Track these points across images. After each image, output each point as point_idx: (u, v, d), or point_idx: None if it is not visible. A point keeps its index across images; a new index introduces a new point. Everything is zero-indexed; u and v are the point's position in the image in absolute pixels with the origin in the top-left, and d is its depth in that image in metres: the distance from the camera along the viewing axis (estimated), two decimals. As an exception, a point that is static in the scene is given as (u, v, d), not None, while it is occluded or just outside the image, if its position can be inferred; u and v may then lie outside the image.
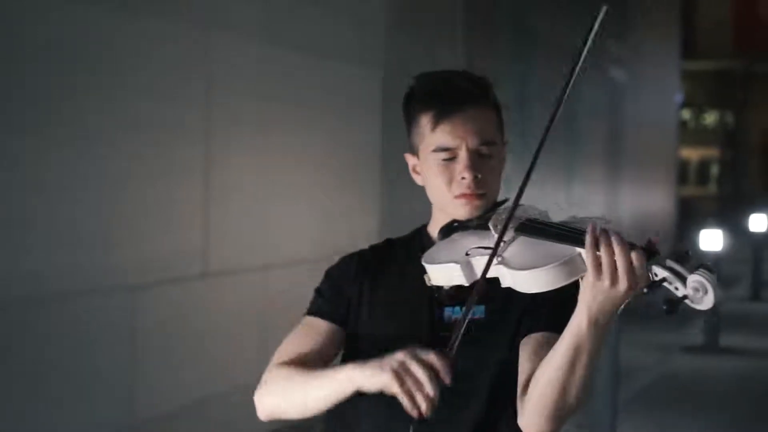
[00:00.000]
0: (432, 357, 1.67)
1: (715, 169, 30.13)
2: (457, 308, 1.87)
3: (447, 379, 1.66)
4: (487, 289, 1.74)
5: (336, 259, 2.10)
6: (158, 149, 4.99)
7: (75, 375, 4.47)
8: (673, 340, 9.30)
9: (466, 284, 1.78)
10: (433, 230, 1.98)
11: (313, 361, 1.93)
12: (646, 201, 16.58)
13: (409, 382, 1.67)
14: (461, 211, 1.90)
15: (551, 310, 1.80)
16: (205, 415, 5.32)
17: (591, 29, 1.76)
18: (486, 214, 1.88)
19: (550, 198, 11.44)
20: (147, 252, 4.91)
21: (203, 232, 5.29)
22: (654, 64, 17.29)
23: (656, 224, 17.44)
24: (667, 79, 18.80)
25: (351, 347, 1.98)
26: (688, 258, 1.59)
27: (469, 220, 1.90)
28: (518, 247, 1.75)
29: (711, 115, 29.71)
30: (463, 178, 1.88)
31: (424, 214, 2.07)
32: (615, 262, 1.59)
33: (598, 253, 1.61)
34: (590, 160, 13.22)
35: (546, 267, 1.66)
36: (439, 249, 1.87)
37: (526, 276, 1.68)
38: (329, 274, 2.06)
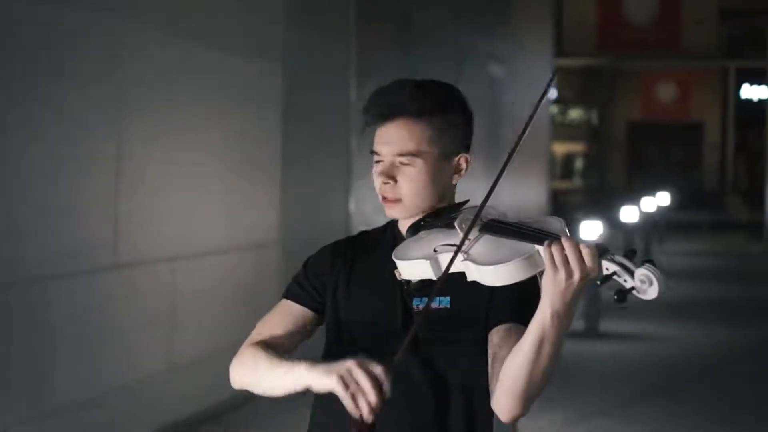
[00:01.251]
0: (378, 369, 1.83)
1: (579, 164, 30.89)
2: (425, 299, 2.00)
3: (388, 393, 1.82)
4: (447, 281, 1.91)
5: (238, 252, 2.23)
6: (70, 141, 5.01)
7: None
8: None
9: (434, 278, 1.93)
10: (402, 225, 2.11)
11: (283, 343, 2.08)
12: (522, 194, 17.04)
13: (353, 388, 1.82)
14: (386, 211, 2.07)
15: (516, 303, 1.97)
16: (115, 405, 5.36)
17: (544, 92, 2.01)
18: (452, 213, 2.04)
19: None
20: (59, 243, 4.93)
21: (114, 224, 5.33)
22: (529, 61, 17.77)
23: (531, 215, 17.96)
24: (541, 75, 19.32)
25: (331, 333, 2.11)
26: (635, 254, 1.79)
27: (436, 219, 2.04)
28: (483, 244, 1.91)
29: (576, 111, 30.48)
30: (380, 182, 2.04)
31: (323, 207, 2.22)
32: (567, 256, 1.77)
33: (553, 249, 1.79)
34: (473, 154, 13.55)
35: (509, 263, 1.84)
36: (408, 245, 2.00)
37: (491, 271, 1.85)
38: (307, 263, 2.17)
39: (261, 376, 2.02)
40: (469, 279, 1.89)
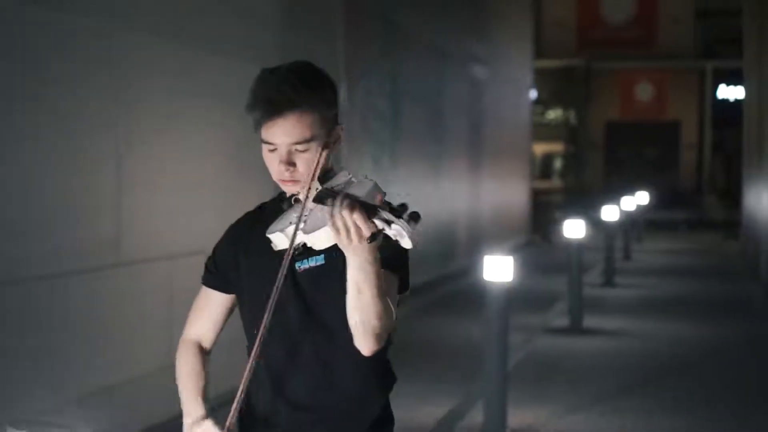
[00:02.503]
0: None
1: (558, 163, 31.10)
2: (304, 260, 2.29)
3: None
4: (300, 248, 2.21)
5: None
6: (72, 142, 5.12)
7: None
8: (541, 323, 9.89)
9: (286, 247, 2.20)
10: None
11: (209, 334, 2.46)
12: (504, 193, 17.23)
13: None
14: (286, 190, 2.30)
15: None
16: (116, 400, 5.48)
17: None
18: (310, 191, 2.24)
19: (421, 191, 11.88)
20: (64, 242, 5.05)
21: (116, 223, 5.47)
22: (510, 62, 17.95)
23: (513, 214, 18.15)
24: (521, 76, 19.51)
25: (240, 307, 2.43)
26: (402, 210, 2.01)
27: (295, 199, 2.29)
28: (315, 214, 2.15)
29: (555, 111, 30.67)
30: (280, 167, 2.24)
31: None
32: (345, 223, 2.02)
33: (333, 216, 2.04)
34: (455, 154, 13.71)
35: (323, 228, 2.10)
36: (279, 220, 2.26)
37: (312, 237, 2.14)
38: (214, 248, 2.48)
39: (179, 392, 2.41)
40: (308, 246, 2.17)
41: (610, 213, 13.46)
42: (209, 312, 2.46)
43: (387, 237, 2.03)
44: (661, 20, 29.52)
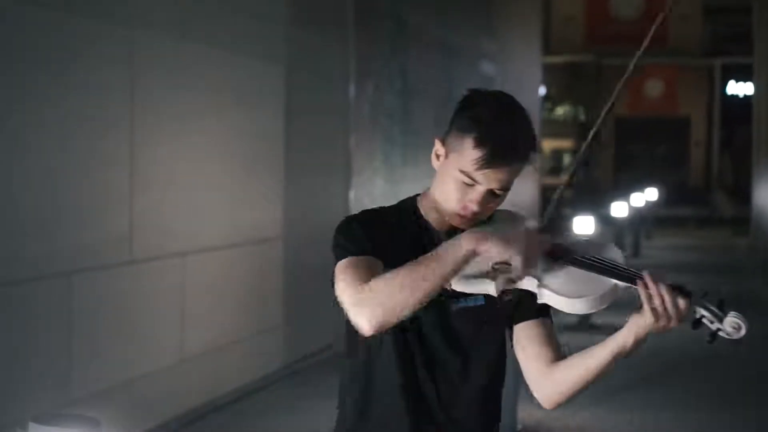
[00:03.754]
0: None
1: (567, 160, 31.02)
2: (462, 300, 2.12)
3: None
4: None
5: (243, 247, 2.36)
6: (85, 141, 5.17)
7: (12, 359, 4.64)
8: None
9: (495, 294, 2.07)
10: (427, 213, 2.18)
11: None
12: (514, 190, 17.20)
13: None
14: (454, 221, 2.13)
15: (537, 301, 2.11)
16: (130, 396, 5.53)
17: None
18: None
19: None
20: (79, 240, 5.09)
21: (129, 221, 5.51)
22: (519, 59, 17.94)
23: (524, 211, 18.13)
24: (530, 73, 19.49)
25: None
26: (723, 302, 2.03)
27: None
28: (562, 274, 2.06)
29: (563, 108, 30.60)
30: (470, 204, 2.09)
31: (324, 202, 2.32)
32: (666, 307, 2.00)
33: (653, 300, 2.01)
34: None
35: (584, 297, 2.05)
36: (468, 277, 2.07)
37: (563, 301, 2.04)
38: (356, 219, 2.14)
39: (406, 280, 1.94)
40: (539, 302, 2.06)
41: (619, 209, 13.45)
42: (373, 272, 2.01)
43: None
44: (671, 16, 29.43)
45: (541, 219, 2.14)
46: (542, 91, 22.10)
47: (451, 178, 2.10)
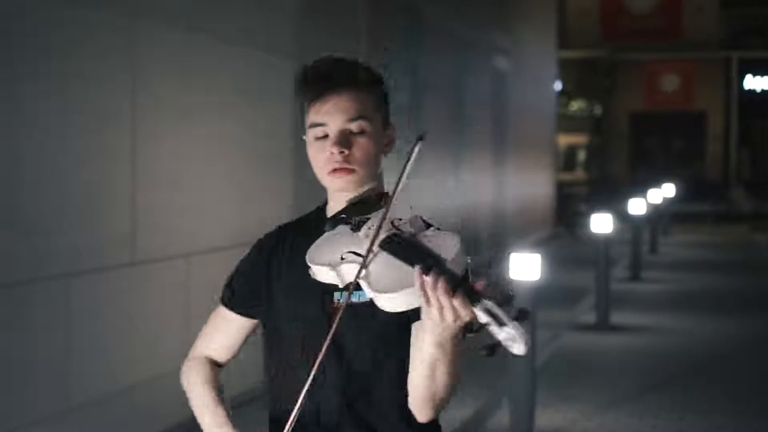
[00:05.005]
0: None
1: (582, 155, 30.86)
2: (345, 293, 1.95)
3: None
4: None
5: (251, 246, 2.20)
6: (87, 138, 5.00)
7: (10, 362, 4.49)
8: (568, 320, 9.70)
9: (340, 286, 1.91)
10: (330, 208, 2.09)
11: (222, 354, 2.21)
12: (529, 186, 17.03)
13: None
14: (335, 184, 2.03)
15: None
16: (133, 400, 5.37)
17: (410, 156, 1.93)
18: (365, 216, 1.97)
19: (441, 185, 11.71)
20: (79, 240, 4.93)
21: (131, 220, 5.33)
22: (534, 54, 17.73)
23: (538, 207, 17.96)
24: (545, 68, 19.30)
25: (266, 328, 2.13)
26: (510, 302, 1.68)
27: (350, 218, 1.99)
28: (380, 263, 1.84)
29: (578, 103, 30.43)
30: (331, 153, 2.00)
31: (324, 197, 2.17)
32: (440, 300, 1.72)
33: (427, 289, 1.73)
34: (477, 147, 13.52)
35: (399, 292, 1.77)
36: (322, 245, 1.95)
37: (383, 297, 1.80)
38: (238, 266, 2.19)
39: (193, 406, 2.16)
40: (367, 296, 1.85)
41: (637, 206, 13.23)
42: (226, 337, 2.19)
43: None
44: (686, 10, 29.18)
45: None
46: (558, 85, 21.86)
47: (311, 146, 2.05)
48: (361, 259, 1.84)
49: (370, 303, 1.86)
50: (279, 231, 2.17)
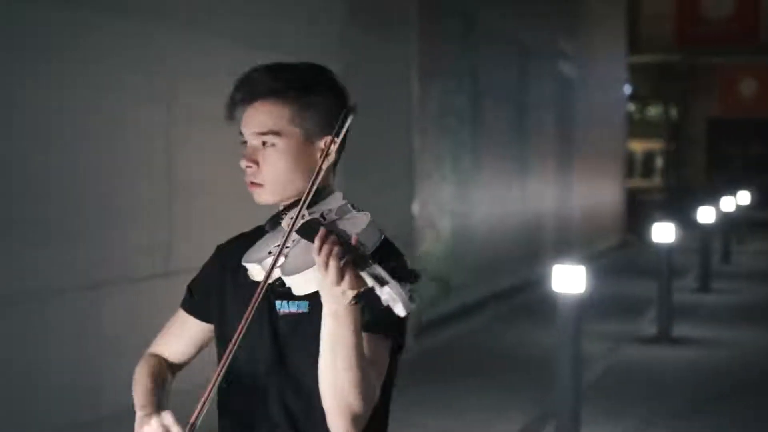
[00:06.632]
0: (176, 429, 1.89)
1: (659, 161, 30.40)
2: (285, 302, 1.94)
3: None
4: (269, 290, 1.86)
5: None
6: (122, 147, 4.97)
7: (41, 371, 4.45)
8: (628, 332, 9.43)
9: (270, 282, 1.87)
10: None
11: (175, 357, 2.21)
12: (596, 193, 16.72)
13: None
14: (253, 196, 2.01)
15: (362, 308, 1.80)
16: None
17: (340, 129, 1.88)
18: (287, 209, 1.95)
19: (505, 192, 11.53)
20: (112, 250, 4.89)
21: (167, 230, 5.27)
22: (602, 59, 17.43)
23: (606, 215, 17.63)
24: (615, 73, 18.97)
25: (217, 341, 2.10)
26: (398, 268, 1.67)
27: (277, 216, 1.96)
28: (297, 249, 1.82)
29: (655, 108, 29.98)
30: (244, 166, 1.97)
31: (384, 209, 2.09)
32: (329, 261, 1.68)
33: (317, 254, 1.70)
34: (542, 154, 13.30)
35: (307, 270, 1.77)
36: (258, 246, 1.94)
37: (294, 279, 1.80)
38: (201, 270, 2.18)
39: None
40: (287, 285, 1.83)
41: (706, 214, 12.87)
42: (183, 339, 2.17)
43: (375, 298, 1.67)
44: (764, 14, 28.51)
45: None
46: (627, 90, 21.46)
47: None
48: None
49: (307, 315, 1.88)
50: (238, 237, 2.15)
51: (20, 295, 4.35)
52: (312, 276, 1.76)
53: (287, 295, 1.89)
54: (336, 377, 1.76)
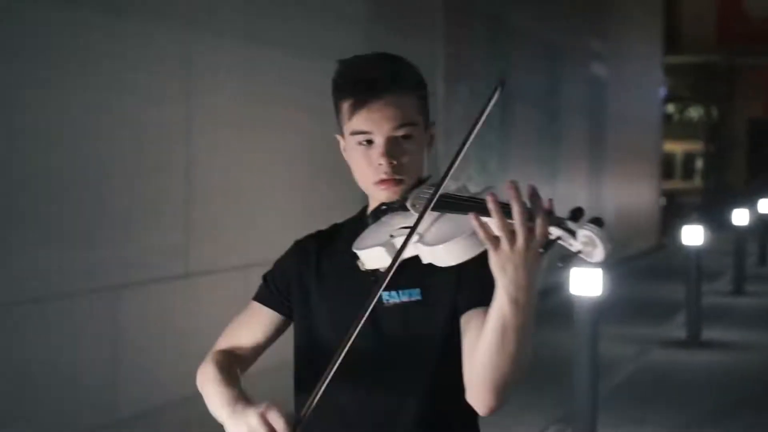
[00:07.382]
0: (280, 425, 1.75)
1: (699, 163, 30.15)
2: (393, 292, 1.89)
3: None
4: (416, 272, 1.83)
5: None
6: (141, 149, 5.00)
7: (59, 374, 4.49)
8: (657, 335, 9.34)
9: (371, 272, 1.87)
10: (371, 208, 2.03)
11: (246, 352, 2.10)
12: (630, 196, 16.58)
13: None
14: (382, 195, 1.95)
15: (483, 287, 1.77)
16: (185, 414, 5.32)
17: (488, 103, 1.85)
18: (407, 193, 1.93)
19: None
20: (131, 252, 4.92)
21: (185, 232, 5.30)
22: (636, 59, 17.28)
23: (640, 218, 17.48)
24: (649, 74, 18.79)
25: (301, 337, 2.05)
26: (581, 215, 1.62)
27: (393, 202, 1.94)
28: (435, 223, 1.80)
29: (695, 109, 29.72)
30: (380, 164, 1.92)
31: None
32: (508, 224, 1.62)
33: (487, 218, 1.64)
34: (573, 156, 13.21)
35: (456, 239, 1.73)
36: (368, 233, 1.92)
37: (440, 250, 1.75)
38: (277, 263, 2.13)
39: (206, 396, 2.02)
40: (424, 262, 1.79)
41: (740, 216, 12.73)
42: (255, 331, 2.09)
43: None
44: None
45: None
46: (662, 92, 21.26)
47: (353, 152, 1.97)
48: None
49: (422, 302, 1.86)
50: (319, 234, 2.13)
51: (39, 298, 4.38)
52: (459, 246, 1.73)
53: (392, 285, 1.84)
54: (501, 355, 1.70)
